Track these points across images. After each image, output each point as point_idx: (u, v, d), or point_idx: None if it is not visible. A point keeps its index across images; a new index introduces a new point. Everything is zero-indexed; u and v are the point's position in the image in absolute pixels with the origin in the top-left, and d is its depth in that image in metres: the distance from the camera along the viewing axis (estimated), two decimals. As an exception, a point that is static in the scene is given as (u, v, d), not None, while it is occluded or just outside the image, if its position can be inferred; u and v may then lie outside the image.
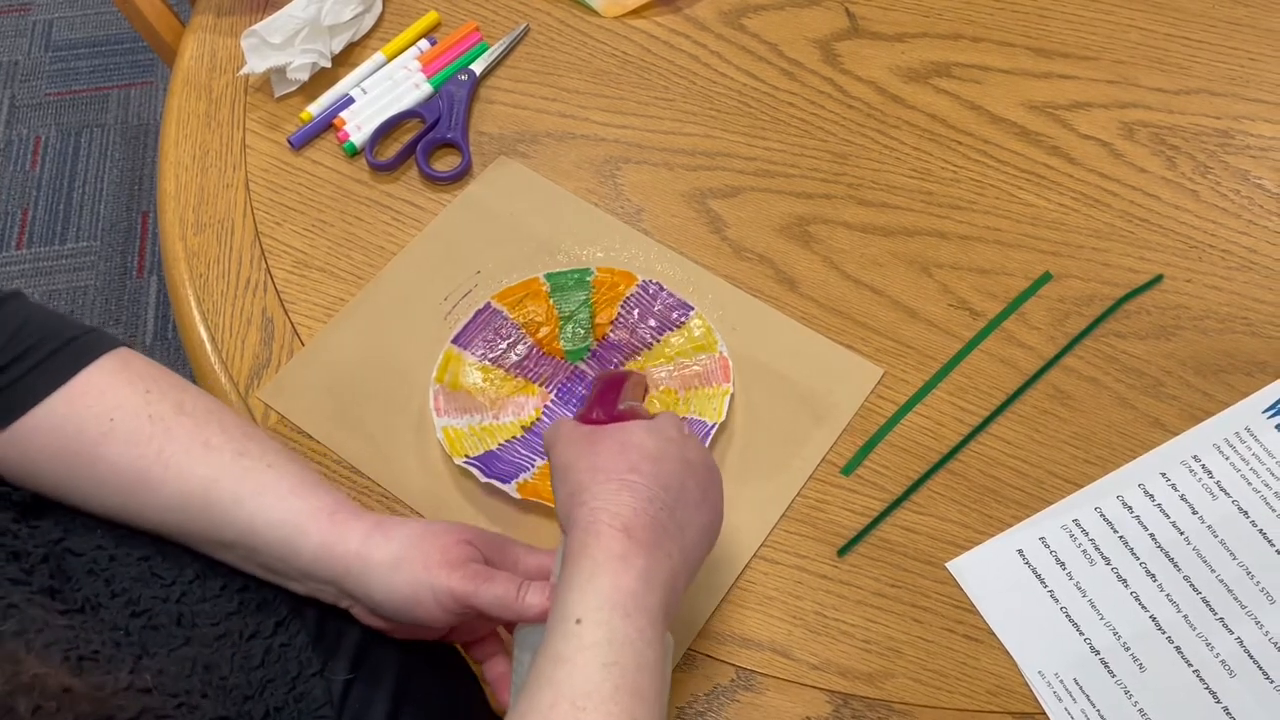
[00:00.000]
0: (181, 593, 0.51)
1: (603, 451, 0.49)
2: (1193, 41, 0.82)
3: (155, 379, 0.53)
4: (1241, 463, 0.64)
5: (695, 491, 0.49)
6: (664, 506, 0.47)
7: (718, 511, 0.51)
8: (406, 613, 0.49)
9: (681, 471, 0.49)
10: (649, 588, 0.44)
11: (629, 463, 0.48)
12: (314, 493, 0.52)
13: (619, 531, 0.45)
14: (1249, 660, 0.58)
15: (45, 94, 1.83)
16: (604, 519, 0.46)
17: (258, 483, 0.51)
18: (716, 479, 0.52)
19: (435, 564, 0.49)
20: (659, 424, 0.51)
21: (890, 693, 0.58)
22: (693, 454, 0.51)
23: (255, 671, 0.50)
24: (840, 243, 0.74)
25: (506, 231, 0.74)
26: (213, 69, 0.84)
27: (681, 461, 0.49)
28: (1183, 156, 0.77)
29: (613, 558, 0.44)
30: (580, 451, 0.49)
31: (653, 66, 0.83)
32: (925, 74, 0.82)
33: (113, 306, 1.59)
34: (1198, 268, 0.72)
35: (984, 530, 0.63)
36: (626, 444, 0.49)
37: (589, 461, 0.48)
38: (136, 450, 0.50)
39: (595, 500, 0.46)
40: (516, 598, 0.48)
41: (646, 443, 0.49)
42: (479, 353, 0.69)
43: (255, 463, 0.52)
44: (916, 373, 0.68)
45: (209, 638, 0.50)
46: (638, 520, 0.46)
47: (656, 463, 0.48)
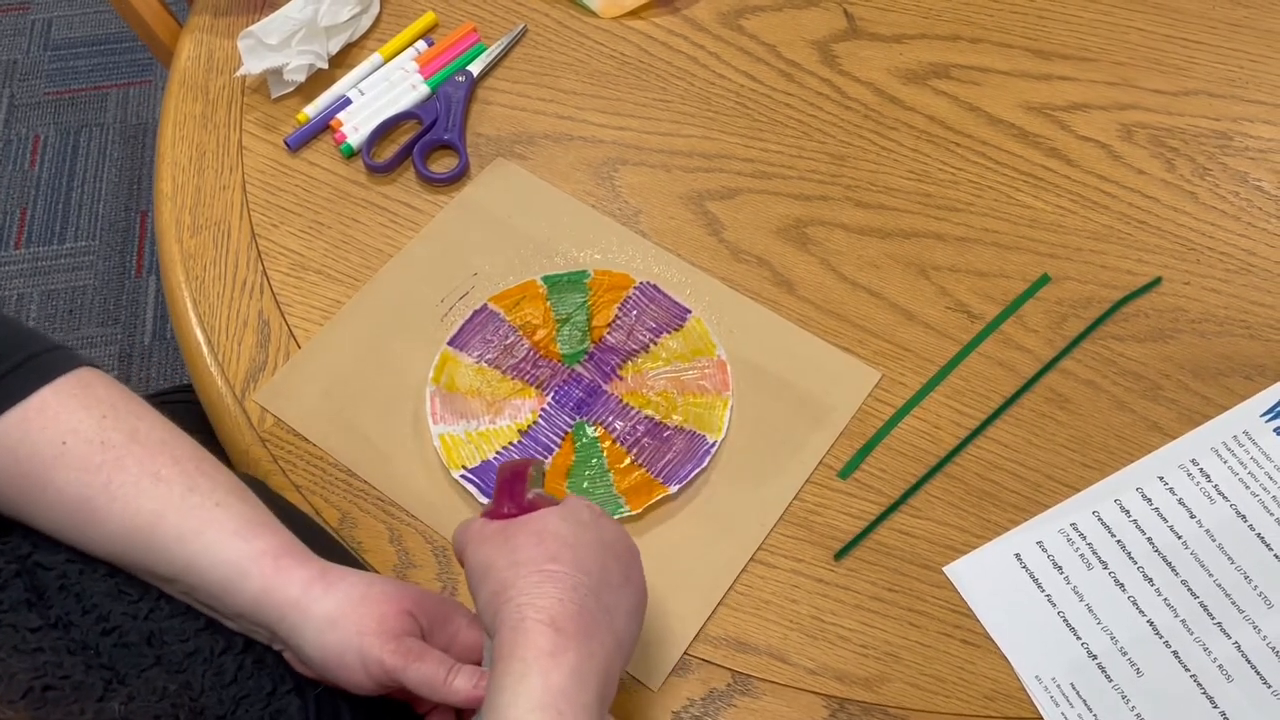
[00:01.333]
0: (149, 609, 0.50)
1: (520, 545, 0.48)
2: (1192, 43, 0.82)
3: (113, 404, 0.52)
4: (1240, 466, 0.64)
5: (617, 573, 0.49)
6: (589, 592, 0.47)
7: (641, 590, 0.51)
8: (333, 672, 0.49)
9: (601, 554, 0.49)
10: (581, 684, 0.44)
11: (548, 552, 0.47)
12: (260, 534, 0.51)
13: (546, 626, 0.44)
14: (1246, 665, 0.58)
15: (44, 93, 1.83)
16: (530, 614, 0.45)
17: (203, 520, 0.50)
18: (636, 556, 0.52)
19: (370, 631, 0.48)
20: (570, 509, 0.50)
21: (887, 697, 0.58)
22: (609, 534, 0.50)
23: (228, 689, 0.49)
24: (838, 245, 0.74)
25: (503, 233, 0.74)
26: (210, 70, 0.84)
27: (599, 544, 0.49)
28: (1182, 158, 0.77)
29: (542, 655, 0.44)
30: (496, 548, 0.48)
31: (650, 68, 0.82)
32: (923, 75, 0.81)
33: (111, 306, 1.59)
34: (1196, 270, 0.72)
35: (981, 534, 0.63)
36: (543, 533, 0.48)
37: (507, 558, 0.48)
38: (86, 478, 0.49)
39: (520, 596, 0.46)
40: (444, 681, 0.47)
41: (562, 530, 0.49)
42: (475, 354, 0.69)
43: (204, 499, 0.51)
44: (914, 375, 0.68)
45: (179, 655, 0.49)
46: (564, 610, 0.45)
47: (575, 549, 0.48)
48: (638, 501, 0.63)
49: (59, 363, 0.52)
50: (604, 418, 0.66)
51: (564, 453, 0.65)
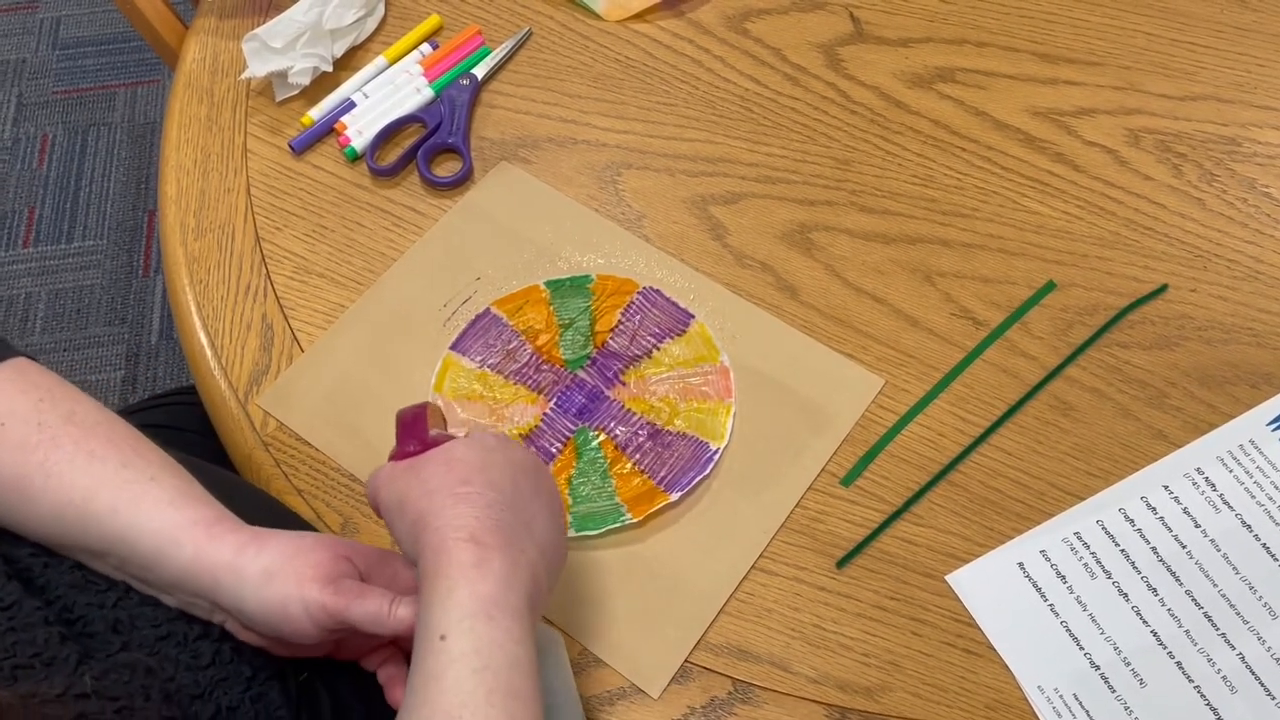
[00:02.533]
0: (117, 598, 0.51)
1: (430, 476, 0.49)
2: (1199, 47, 0.82)
3: (49, 389, 0.52)
4: (1245, 475, 0.64)
5: (528, 486, 0.50)
6: (505, 507, 0.48)
7: (556, 501, 0.52)
8: (278, 627, 0.49)
9: (511, 471, 0.50)
10: (509, 588, 0.45)
11: (459, 476, 0.48)
12: (193, 505, 0.51)
13: (466, 542, 0.46)
14: (1250, 676, 0.57)
15: (52, 92, 1.83)
16: (449, 534, 0.46)
17: (137, 493, 0.50)
18: (545, 471, 0.53)
19: (308, 578, 0.48)
20: (476, 437, 0.52)
21: (889, 707, 0.58)
22: (515, 454, 0.52)
23: (205, 671, 0.50)
24: (842, 250, 0.73)
25: (507, 238, 0.74)
26: (215, 72, 0.84)
27: (508, 463, 0.50)
28: (1189, 164, 0.76)
29: (466, 568, 0.45)
30: (408, 483, 0.49)
31: (655, 71, 0.82)
32: (929, 79, 0.81)
33: (118, 305, 1.59)
34: (1203, 277, 0.72)
35: (984, 543, 0.62)
36: (451, 461, 0.50)
37: (420, 488, 0.49)
38: (21, 457, 0.50)
39: (437, 519, 0.47)
40: (389, 613, 0.48)
41: (469, 455, 0.50)
42: (478, 359, 0.69)
43: (138, 474, 0.51)
44: (918, 382, 0.68)
45: (150, 639, 0.49)
46: (482, 526, 0.46)
47: (484, 470, 0.49)
48: (639, 510, 0.62)
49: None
50: (606, 423, 0.66)
51: (566, 458, 0.65)
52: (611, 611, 0.60)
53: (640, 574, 0.61)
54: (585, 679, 0.59)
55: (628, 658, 0.59)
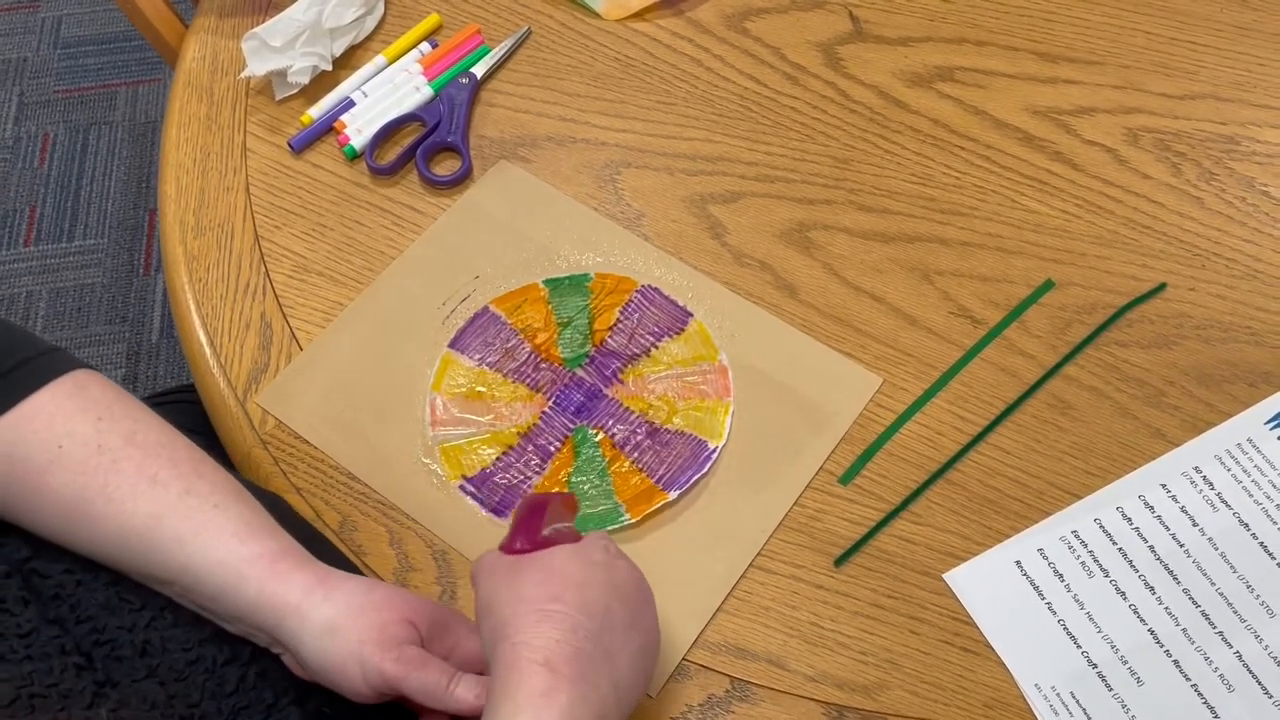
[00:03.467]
0: (150, 619, 0.50)
1: (525, 582, 0.48)
2: (1199, 46, 0.82)
3: (109, 406, 0.52)
4: (1243, 474, 0.64)
5: (623, 616, 0.49)
6: (589, 635, 0.46)
7: (651, 635, 0.51)
8: (334, 679, 0.49)
9: (607, 596, 0.48)
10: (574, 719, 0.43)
11: (551, 592, 0.47)
12: (258, 537, 0.51)
13: (540, 666, 0.44)
14: (1248, 675, 0.57)
15: (54, 91, 1.83)
16: (525, 654, 0.45)
17: (201, 522, 0.50)
18: (647, 599, 0.51)
19: (370, 640, 0.48)
20: (585, 547, 0.50)
21: (886, 705, 0.58)
22: (620, 576, 0.50)
23: (229, 699, 0.49)
24: (840, 249, 0.73)
25: (506, 236, 0.74)
26: (214, 71, 0.84)
27: (608, 586, 0.49)
28: (1188, 163, 0.76)
29: (534, 695, 0.43)
30: (501, 583, 0.48)
31: (654, 70, 0.82)
32: (928, 78, 0.81)
33: (119, 304, 1.59)
34: (1201, 276, 0.72)
35: (982, 541, 0.62)
36: (549, 571, 0.48)
37: (511, 594, 0.48)
38: (82, 480, 0.49)
39: (517, 635, 0.46)
40: (446, 690, 0.47)
41: (569, 569, 0.48)
42: (476, 357, 0.69)
43: (201, 502, 0.51)
44: (916, 381, 0.68)
45: (179, 664, 0.49)
46: (560, 652, 0.45)
47: (581, 589, 0.47)
48: (638, 509, 0.62)
49: (54, 365, 0.52)
50: (604, 422, 0.66)
51: (564, 457, 0.65)
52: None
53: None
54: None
55: (625, 656, 0.59)
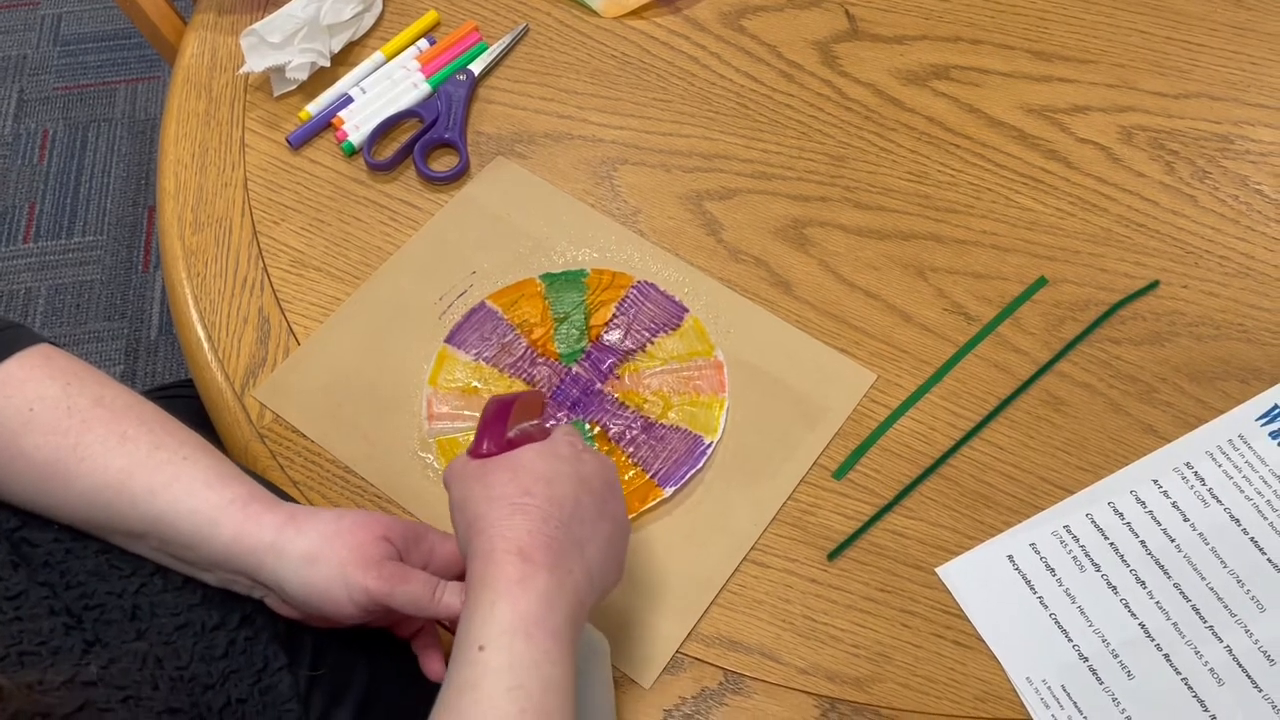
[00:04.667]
0: (140, 585, 0.51)
1: (495, 481, 0.49)
2: (1193, 45, 0.82)
3: (76, 373, 0.53)
4: (1234, 470, 0.64)
5: (591, 506, 0.50)
6: (559, 524, 0.48)
7: (619, 523, 0.52)
8: (319, 607, 0.50)
9: (575, 488, 0.50)
10: (550, 608, 0.45)
11: (521, 487, 0.49)
12: (228, 484, 0.52)
13: (514, 555, 0.46)
14: (1237, 669, 0.58)
15: (53, 88, 1.84)
16: (500, 545, 0.46)
17: (172, 474, 0.51)
18: (614, 491, 0.53)
19: (351, 561, 0.49)
20: (551, 444, 0.52)
21: (878, 697, 0.58)
22: (587, 469, 0.51)
23: (218, 662, 0.50)
24: (836, 246, 0.74)
25: (503, 232, 0.75)
26: (213, 67, 0.84)
27: (575, 479, 0.50)
28: (1181, 161, 0.77)
29: (511, 583, 0.45)
30: (473, 484, 0.50)
31: (651, 67, 0.83)
32: (924, 77, 0.81)
33: (118, 301, 1.60)
34: (1194, 273, 0.72)
35: (975, 536, 0.63)
36: (518, 469, 0.50)
37: (483, 492, 0.49)
38: (54, 441, 0.50)
39: (491, 528, 0.47)
40: (432, 598, 0.49)
41: (537, 465, 0.50)
42: (473, 352, 0.69)
43: (171, 455, 0.52)
44: (910, 377, 0.68)
45: (168, 629, 0.50)
46: (533, 541, 0.47)
47: (549, 484, 0.49)
48: (633, 507, 0.63)
49: (20, 338, 0.53)
50: (600, 417, 0.67)
51: (560, 451, 0.65)
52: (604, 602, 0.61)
53: (632, 565, 0.62)
54: (577, 669, 0.59)
55: (619, 648, 0.59)
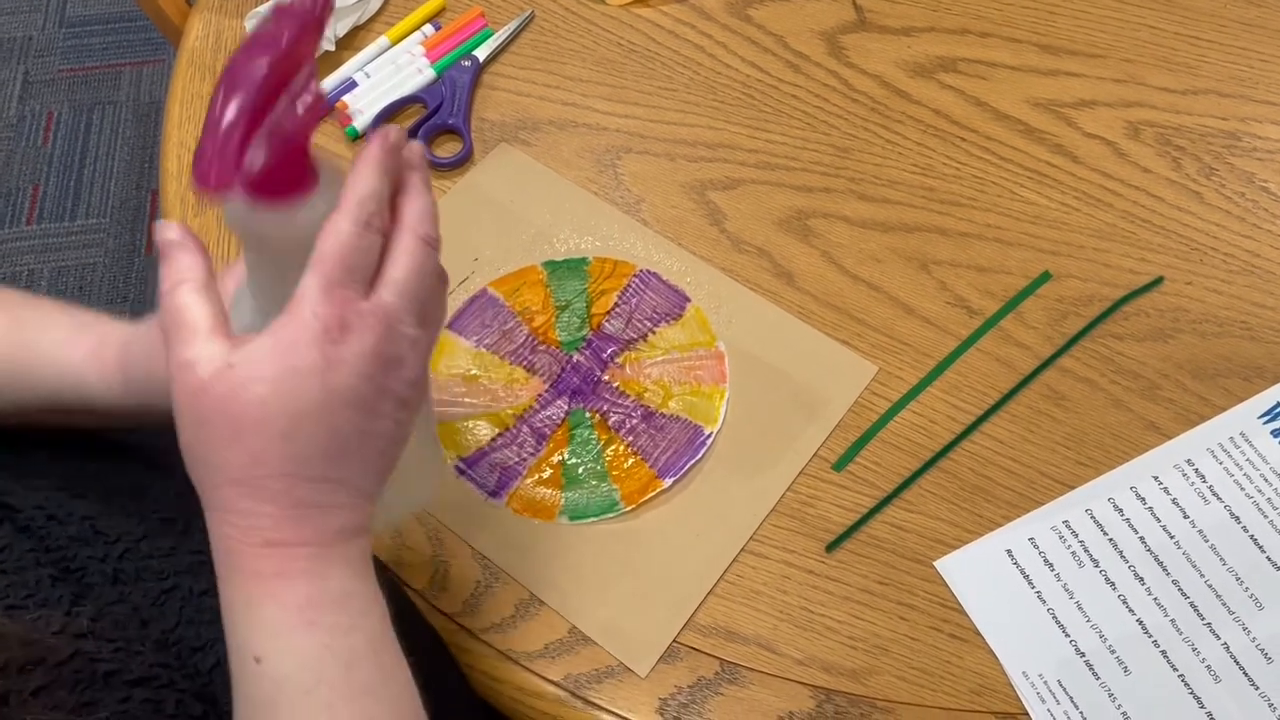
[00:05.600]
0: (124, 550, 0.49)
1: (214, 440, 0.38)
2: (1202, 41, 0.82)
3: None
4: (1235, 468, 0.64)
5: (357, 417, 0.39)
6: (311, 482, 0.38)
7: (395, 414, 0.40)
8: (154, 379, 0.48)
9: (330, 416, 0.38)
10: (324, 577, 0.38)
11: (250, 454, 0.37)
12: (81, 339, 0.51)
13: (262, 549, 0.38)
14: (1234, 666, 0.58)
15: (58, 70, 1.83)
16: (238, 537, 0.38)
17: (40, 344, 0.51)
18: (391, 372, 0.39)
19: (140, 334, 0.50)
20: (289, 352, 0.37)
21: (874, 689, 0.58)
22: (342, 374, 0.38)
23: (206, 626, 0.48)
24: (839, 237, 0.73)
25: (505, 219, 0.74)
26: (218, 50, 0.84)
27: (326, 404, 0.38)
28: (1188, 158, 0.76)
29: (266, 579, 0.38)
30: (187, 424, 0.38)
31: (657, 56, 0.82)
32: (931, 69, 0.81)
33: (120, 284, 1.60)
34: (1199, 270, 0.72)
35: (973, 530, 0.63)
36: (241, 423, 0.37)
37: (196, 451, 0.38)
38: None
39: (224, 514, 0.38)
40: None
41: (268, 411, 0.37)
42: (474, 339, 0.69)
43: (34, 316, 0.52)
44: (911, 370, 0.68)
45: (154, 592, 0.48)
46: (278, 522, 0.38)
47: (287, 438, 0.37)
48: (632, 498, 0.63)
49: None
50: (600, 405, 0.67)
51: (559, 439, 0.65)
52: (600, 590, 0.61)
53: (630, 554, 0.62)
54: (573, 657, 0.59)
55: (616, 637, 0.59)
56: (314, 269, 0.38)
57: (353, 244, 0.38)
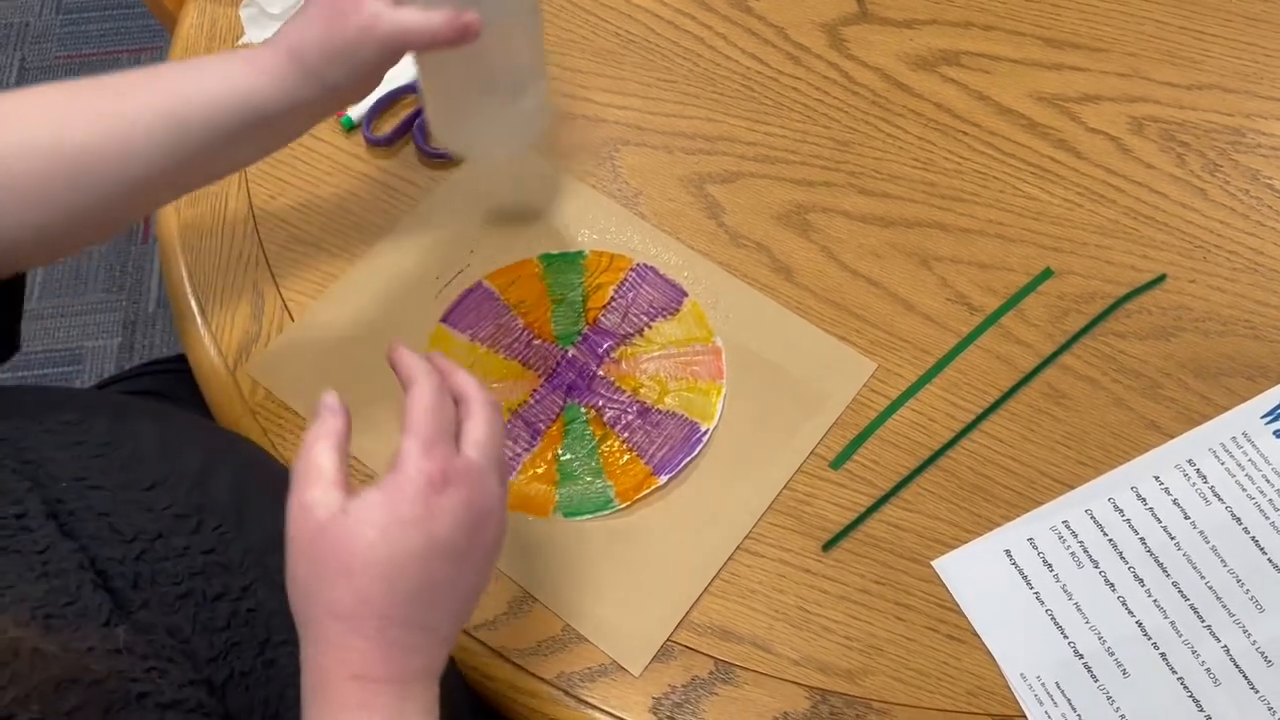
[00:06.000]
0: (141, 550, 0.49)
1: (325, 576, 0.43)
2: (1207, 36, 0.81)
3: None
4: (1237, 468, 0.63)
5: (447, 570, 0.45)
6: (404, 625, 0.43)
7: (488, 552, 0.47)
8: (351, 58, 0.53)
9: (425, 564, 0.44)
10: (401, 714, 0.42)
11: (356, 593, 0.42)
12: (237, 67, 0.54)
13: (350, 681, 0.42)
14: (1234, 669, 0.57)
15: (55, 56, 1.82)
16: (333, 669, 0.42)
17: (198, 79, 0.53)
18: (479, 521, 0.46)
19: None
20: (395, 501, 0.44)
21: (870, 690, 0.58)
22: (442, 525, 0.44)
23: (220, 634, 0.48)
24: (839, 232, 0.73)
25: (502, 212, 0.74)
26: (212, 38, 0.83)
27: (425, 552, 0.44)
28: (1192, 154, 0.75)
29: (349, 709, 0.42)
30: (301, 563, 0.44)
31: (656, 47, 0.81)
32: (933, 62, 0.80)
33: (116, 273, 1.59)
34: (1202, 268, 0.71)
35: (972, 529, 0.62)
36: (352, 568, 0.43)
37: (312, 585, 0.43)
38: (100, 122, 0.52)
39: (321, 640, 0.43)
40: None
41: (376, 555, 0.43)
42: (468, 333, 0.68)
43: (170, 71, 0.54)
44: (910, 367, 0.67)
45: (170, 597, 0.48)
46: (369, 659, 0.42)
47: (389, 580, 0.43)
48: (627, 495, 0.62)
49: None
50: (595, 401, 0.66)
51: (553, 434, 0.65)
52: (594, 588, 0.60)
53: (625, 551, 0.61)
54: (565, 655, 0.59)
55: (609, 635, 0.59)
56: (410, 433, 0.45)
57: (438, 408, 0.46)
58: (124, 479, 0.51)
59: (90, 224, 0.54)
